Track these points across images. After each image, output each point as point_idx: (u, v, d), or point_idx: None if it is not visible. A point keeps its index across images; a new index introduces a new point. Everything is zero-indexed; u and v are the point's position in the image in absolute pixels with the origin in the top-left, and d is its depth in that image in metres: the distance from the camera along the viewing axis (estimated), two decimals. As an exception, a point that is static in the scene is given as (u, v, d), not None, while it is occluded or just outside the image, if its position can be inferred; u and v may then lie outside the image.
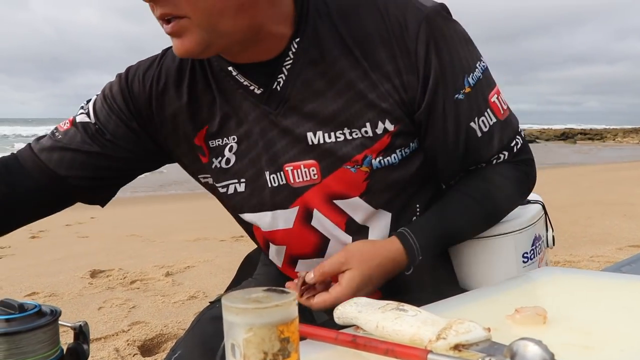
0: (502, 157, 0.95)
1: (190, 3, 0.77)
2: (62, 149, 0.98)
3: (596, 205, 6.45)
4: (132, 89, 0.99)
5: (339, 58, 0.89)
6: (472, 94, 0.91)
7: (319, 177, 0.91)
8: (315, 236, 0.96)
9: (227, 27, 0.81)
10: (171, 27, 0.80)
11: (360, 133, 0.89)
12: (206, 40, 0.81)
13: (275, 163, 0.93)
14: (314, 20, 0.90)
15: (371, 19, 0.89)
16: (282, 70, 0.90)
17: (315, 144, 0.90)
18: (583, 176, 10.63)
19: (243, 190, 0.96)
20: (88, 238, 5.42)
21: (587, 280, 0.91)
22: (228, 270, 3.85)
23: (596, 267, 3.54)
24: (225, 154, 0.96)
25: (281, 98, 0.91)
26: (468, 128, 0.92)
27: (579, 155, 20.05)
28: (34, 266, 4.21)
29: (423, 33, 0.87)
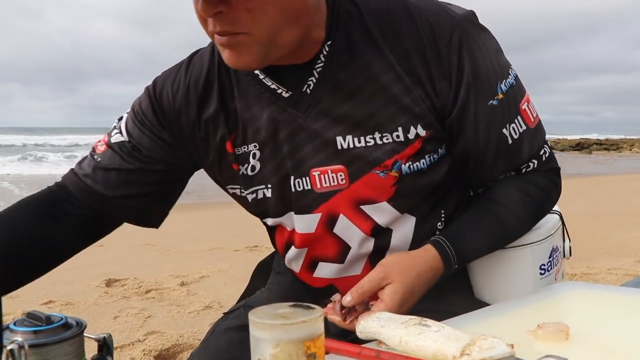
0: (532, 165, 0.95)
1: (253, 21, 0.76)
2: (105, 170, 0.98)
3: (612, 216, 6.38)
4: (160, 102, 0.98)
5: (372, 61, 0.88)
6: (505, 100, 0.91)
7: (347, 183, 0.90)
8: (337, 243, 0.95)
9: (285, 39, 0.80)
10: (227, 40, 0.78)
11: (392, 137, 0.88)
12: (263, 54, 0.80)
13: (301, 168, 0.91)
14: (346, 23, 0.89)
15: (404, 23, 0.88)
16: (313, 73, 0.88)
17: (344, 148, 0.89)
18: (599, 187, 10.53)
19: (270, 195, 0.95)
20: (103, 247, 5.44)
21: (608, 295, 0.90)
22: (243, 281, 3.84)
23: (614, 279, 3.50)
24: (250, 161, 0.95)
25: (311, 101, 0.89)
26: (500, 134, 0.91)
27: (594, 166, 19.85)
28: (50, 274, 4.15)
29: (456, 40, 0.87)
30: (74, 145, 31.58)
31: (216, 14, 0.75)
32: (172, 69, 1.01)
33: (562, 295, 0.91)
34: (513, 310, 0.84)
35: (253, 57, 0.80)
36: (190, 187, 3.50)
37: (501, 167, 0.94)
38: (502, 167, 0.94)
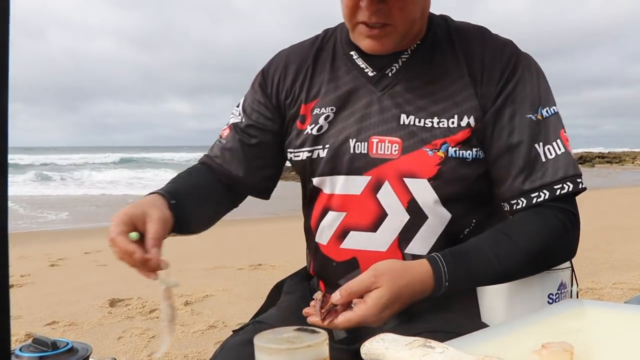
0: (567, 188, 0.99)
1: (401, 16, 0.98)
2: (230, 150, 1.18)
3: (617, 230, 6.36)
4: (267, 78, 1.20)
5: (448, 60, 1.07)
6: (543, 122, 1.02)
7: (399, 154, 1.03)
8: (376, 208, 1.04)
9: (415, 30, 1.05)
10: (378, 31, 1.00)
11: (447, 123, 1.02)
12: (398, 42, 1.03)
13: (363, 133, 1.06)
14: (435, 29, 1.10)
15: (477, 41, 1.08)
16: (398, 62, 1.08)
17: (404, 124, 1.04)
18: (602, 200, 10.49)
19: (324, 155, 1.08)
20: (107, 266, 5.45)
21: (612, 313, 0.90)
22: (247, 299, 3.85)
23: (620, 294, 3.48)
24: (320, 122, 1.10)
25: (389, 82, 1.07)
26: (532, 147, 1.00)
27: (598, 179, 19.81)
28: (54, 295, 4.24)
29: (512, 62, 1.05)
30: (81, 164, 31.73)
31: (377, 10, 0.97)
32: (276, 55, 1.23)
33: (566, 313, 0.91)
34: (517, 330, 0.83)
35: (392, 44, 1.03)
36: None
37: (531, 182, 1.00)
38: (533, 182, 1.00)
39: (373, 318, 0.87)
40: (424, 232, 1.03)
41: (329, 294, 0.90)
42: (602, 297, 3.45)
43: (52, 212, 11.16)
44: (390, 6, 0.97)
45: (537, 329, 0.84)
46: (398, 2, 0.97)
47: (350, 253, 1.07)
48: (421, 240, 1.03)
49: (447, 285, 0.92)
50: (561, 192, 0.99)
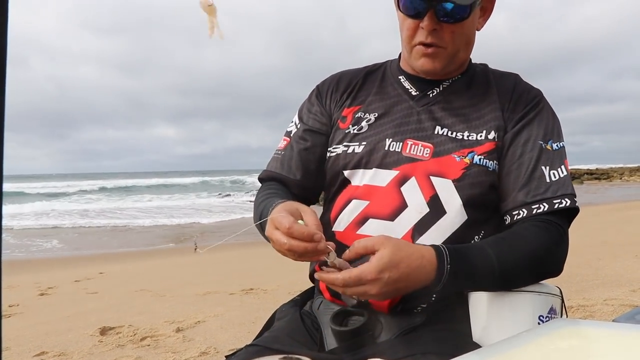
0: (564, 203, 1.12)
1: (452, 39, 1.17)
2: (288, 158, 1.32)
3: (606, 246, 6.40)
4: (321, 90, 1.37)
5: (481, 91, 1.25)
6: (551, 153, 1.17)
7: (429, 156, 1.16)
8: (398, 200, 1.14)
9: (460, 57, 1.23)
10: (432, 51, 1.18)
11: (476, 137, 1.17)
12: (446, 64, 1.21)
13: (400, 135, 1.20)
14: (475, 69, 1.30)
15: (510, 83, 1.27)
16: (440, 87, 1.26)
17: (438, 134, 1.19)
18: (592, 217, 10.57)
19: (359, 150, 1.21)
20: (97, 294, 5.40)
21: (601, 332, 0.91)
22: (239, 325, 3.82)
23: (610, 310, 3.49)
24: (362, 124, 1.25)
25: (428, 101, 1.24)
26: (538, 167, 1.15)
27: (587, 196, 19.97)
28: (43, 324, 4.19)
29: (537, 100, 1.23)
30: (72, 192, 31.49)
31: (432, 30, 1.15)
32: (330, 75, 1.40)
33: (555, 333, 0.92)
34: (507, 351, 0.84)
35: (441, 65, 1.20)
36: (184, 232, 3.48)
37: (533, 191, 1.13)
38: (534, 191, 1.13)
39: (370, 275, 0.93)
40: (438, 227, 1.11)
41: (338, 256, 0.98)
42: (594, 313, 3.45)
43: (42, 240, 11.06)
44: (444, 29, 1.15)
45: (526, 350, 0.84)
46: (451, 27, 1.15)
47: None
48: (434, 234, 1.10)
49: (449, 269, 0.97)
50: (559, 206, 1.11)
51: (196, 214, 16.99)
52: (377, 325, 1.12)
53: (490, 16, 1.27)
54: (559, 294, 1.07)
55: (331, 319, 1.11)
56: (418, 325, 1.10)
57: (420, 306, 1.11)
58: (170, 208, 21.31)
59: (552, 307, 1.04)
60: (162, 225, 14.08)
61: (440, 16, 1.13)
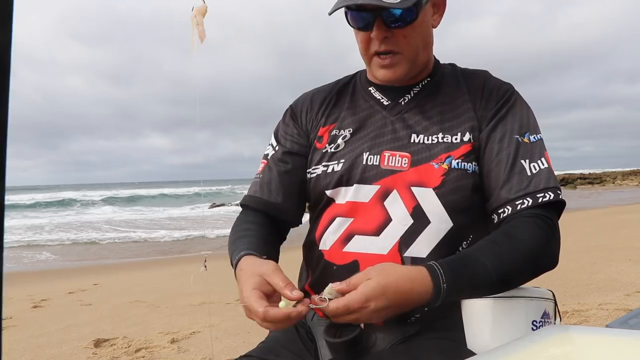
0: (548, 196, 1.10)
1: (406, 43, 1.16)
2: (268, 182, 1.30)
3: (600, 250, 6.42)
4: (295, 111, 1.36)
5: (453, 92, 1.23)
6: (529, 145, 1.15)
7: (408, 167, 1.15)
8: (382, 214, 1.13)
9: (420, 60, 1.21)
10: (389, 59, 1.17)
11: (451, 139, 1.16)
12: (408, 70, 1.19)
13: (376, 148, 1.19)
14: (443, 70, 1.29)
15: (480, 80, 1.25)
16: (410, 93, 1.25)
17: (414, 142, 1.17)
18: (586, 221, 10.60)
19: (339, 169, 1.20)
20: (91, 305, 5.36)
21: (594, 338, 0.91)
22: (234, 335, 3.80)
23: (605, 315, 3.49)
24: (338, 141, 1.24)
25: (401, 109, 1.23)
26: (517, 162, 1.13)
27: (580, 200, 20.04)
28: (36, 337, 4.15)
29: (508, 95, 1.21)
30: (66, 202, 31.32)
31: (384, 38, 1.15)
32: (302, 94, 1.40)
33: (548, 340, 0.92)
34: (501, 358, 0.84)
35: (403, 71, 1.19)
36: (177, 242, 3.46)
37: (515, 187, 1.11)
38: (517, 186, 1.11)
39: (356, 304, 0.92)
40: (424, 237, 1.10)
41: None
42: (588, 318, 3.46)
43: (35, 252, 10.99)
44: (396, 35, 1.15)
45: (522, 357, 0.84)
46: (402, 31, 1.14)
47: (352, 256, 1.13)
48: (421, 245, 1.10)
49: (446, 287, 0.95)
50: (543, 200, 1.09)
51: (193, 226, 16.95)
52: (371, 335, 1.12)
53: (444, 11, 1.25)
54: (552, 297, 1.08)
55: (325, 330, 1.11)
56: (412, 335, 1.10)
57: (414, 316, 1.11)
58: (170, 219, 21.24)
59: (545, 312, 1.05)
60: (158, 236, 14.03)
61: (388, 23, 1.13)
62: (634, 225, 9.07)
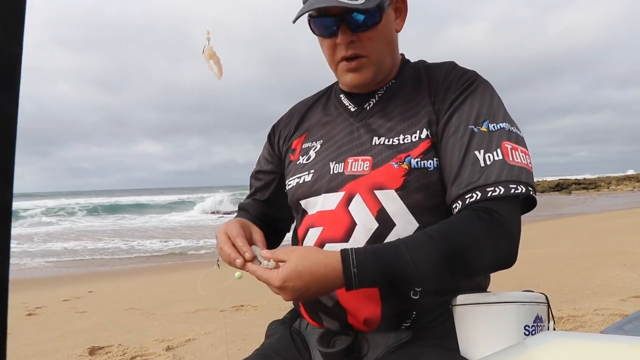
0: (498, 191, 1.03)
1: (372, 46, 1.16)
2: (252, 197, 1.45)
3: (596, 255, 6.43)
4: (274, 132, 1.42)
5: (414, 89, 1.21)
6: (487, 135, 1.09)
7: (369, 170, 1.14)
8: (347, 220, 1.13)
9: (387, 63, 1.22)
10: (356, 63, 1.17)
11: (410, 138, 1.14)
12: (375, 74, 1.20)
13: (341, 156, 1.20)
14: (408, 69, 1.27)
15: (443, 72, 1.21)
16: (375, 97, 1.25)
17: (375, 144, 1.16)
18: (581, 226, 10.64)
19: (309, 179, 1.22)
20: (86, 313, 5.34)
21: (589, 344, 0.91)
22: (230, 342, 3.78)
23: (600, 320, 3.50)
24: (310, 153, 1.27)
25: (366, 115, 1.23)
26: (471, 153, 1.07)
27: (575, 206, 20.10)
28: (31, 345, 4.13)
29: (469, 82, 1.16)
30: (61, 209, 31.21)
31: (350, 42, 1.14)
32: (290, 109, 1.43)
33: (542, 347, 0.92)
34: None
35: (369, 75, 1.19)
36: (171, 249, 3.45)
37: (465, 180, 1.06)
38: (469, 181, 1.06)
39: (275, 283, 1.00)
40: (391, 240, 1.07)
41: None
42: (584, 324, 3.46)
43: (29, 259, 10.95)
44: (361, 38, 1.14)
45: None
46: (367, 34, 1.14)
47: None
48: None
49: (356, 272, 0.98)
50: (492, 194, 1.03)
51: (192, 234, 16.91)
52: (364, 344, 1.12)
53: (406, 16, 1.24)
54: (545, 301, 1.07)
55: (318, 340, 1.12)
56: (405, 342, 1.10)
57: (404, 324, 1.11)
58: (171, 228, 21.20)
59: (537, 316, 1.04)
60: (156, 244, 14.00)
61: (353, 27, 1.13)
62: (629, 230, 9.10)
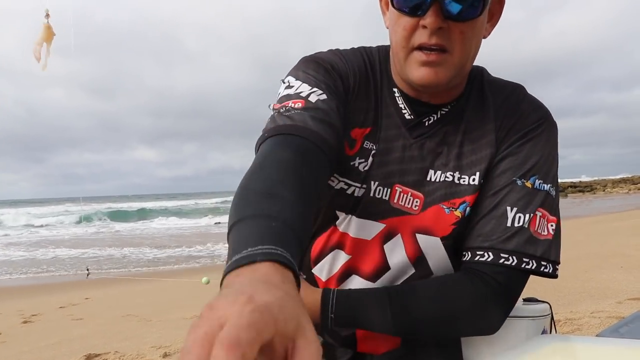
0: (510, 260, 0.93)
1: (461, 41, 0.91)
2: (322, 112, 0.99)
3: (592, 258, 6.44)
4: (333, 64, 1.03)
5: (479, 116, 1.02)
6: (529, 192, 0.96)
7: (419, 210, 0.99)
8: (380, 258, 1.01)
9: (466, 68, 0.97)
10: (435, 56, 0.91)
11: (468, 180, 0.99)
12: (453, 76, 0.94)
13: (389, 178, 1.00)
14: (473, 84, 1.04)
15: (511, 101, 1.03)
16: (437, 113, 1.01)
17: (430, 180, 1.00)
18: (577, 229, 10.66)
19: (359, 195, 1.01)
20: (83, 320, 5.32)
21: (585, 347, 0.91)
22: (227, 348, 3.77)
23: (597, 323, 3.50)
24: (369, 158, 1.01)
25: (423, 132, 1.01)
26: (502, 207, 0.96)
27: (571, 209, 20.14)
28: (26, 353, 4.11)
29: (534, 124, 1.00)
30: (57, 215, 31.11)
31: (438, 28, 0.89)
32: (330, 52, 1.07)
33: (540, 350, 0.92)
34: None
35: (446, 77, 0.93)
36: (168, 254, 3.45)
37: (484, 234, 0.96)
38: (486, 234, 0.96)
39: None
40: None
41: None
42: (581, 327, 3.47)
43: (25, 266, 10.90)
44: (452, 28, 0.90)
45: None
46: (460, 26, 0.90)
47: None
48: None
49: (334, 318, 0.96)
50: (504, 262, 0.93)
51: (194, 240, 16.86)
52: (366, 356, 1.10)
53: (497, 23, 1.01)
54: (549, 311, 1.07)
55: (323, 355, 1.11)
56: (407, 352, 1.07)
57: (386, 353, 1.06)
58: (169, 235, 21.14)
59: (544, 330, 1.05)
60: (154, 250, 13.97)
61: (447, 12, 0.89)
62: (624, 233, 9.13)
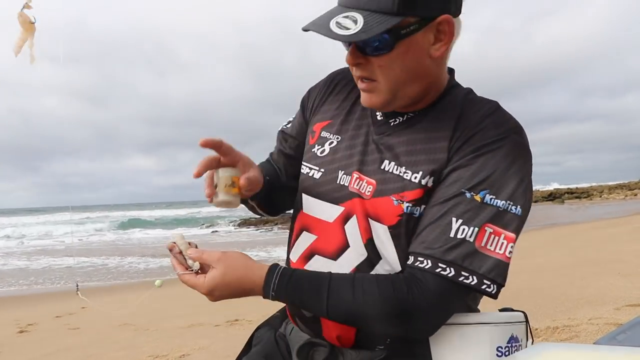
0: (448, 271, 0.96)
1: (381, 73, 1.02)
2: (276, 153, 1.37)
3: (589, 264, 6.45)
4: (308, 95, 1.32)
5: (441, 124, 1.07)
6: (477, 205, 0.98)
7: (370, 196, 1.08)
8: (341, 238, 1.10)
9: (407, 92, 1.05)
10: (365, 85, 1.06)
11: (411, 177, 1.05)
12: (388, 100, 1.06)
13: (350, 167, 1.13)
14: (450, 98, 1.10)
15: (479, 113, 1.05)
16: (404, 116, 1.12)
17: (384, 169, 1.08)
18: (574, 235, 10.67)
19: (317, 177, 1.17)
20: (79, 329, 5.29)
21: (582, 355, 0.91)
22: (225, 357, 3.75)
23: (595, 330, 3.50)
24: (325, 146, 1.19)
25: (386, 130, 1.12)
26: (448, 217, 0.98)
27: (568, 215, 20.18)
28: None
29: (493, 139, 1.01)
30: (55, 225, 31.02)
31: (357, 64, 1.04)
32: (326, 77, 1.31)
33: (536, 358, 0.92)
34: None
35: (380, 100, 1.06)
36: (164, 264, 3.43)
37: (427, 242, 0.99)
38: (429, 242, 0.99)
39: (202, 290, 1.03)
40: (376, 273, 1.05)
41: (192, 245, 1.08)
42: (579, 333, 3.47)
43: (22, 276, 10.85)
44: (371, 62, 1.02)
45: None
46: (378, 60, 1.00)
47: None
48: None
49: (274, 296, 1.02)
50: (440, 272, 0.96)
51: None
52: (339, 358, 1.13)
53: (451, 40, 1.03)
54: (523, 319, 1.07)
55: (297, 351, 1.15)
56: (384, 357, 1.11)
57: (378, 347, 1.10)
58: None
59: (512, 336, 1.03)
60: (147, 259, 13.94)
61: (362, 49, 1.00)
62: (621, 239, 9.14)
